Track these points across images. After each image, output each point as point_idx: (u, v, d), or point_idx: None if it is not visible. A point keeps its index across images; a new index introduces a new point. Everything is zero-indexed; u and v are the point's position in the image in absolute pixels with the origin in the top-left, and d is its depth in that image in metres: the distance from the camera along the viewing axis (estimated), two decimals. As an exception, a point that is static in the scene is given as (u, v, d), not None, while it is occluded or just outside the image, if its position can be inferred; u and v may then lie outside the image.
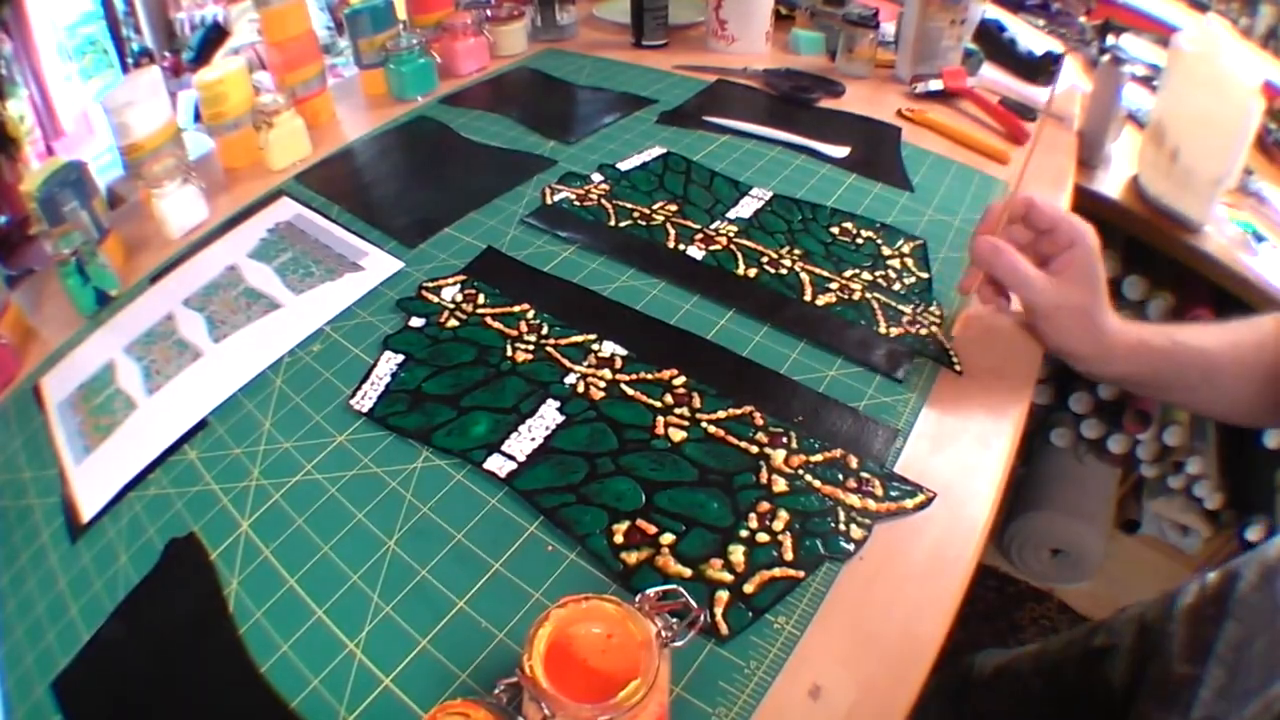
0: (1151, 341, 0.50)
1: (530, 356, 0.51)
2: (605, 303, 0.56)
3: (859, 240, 0.62)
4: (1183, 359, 0.51)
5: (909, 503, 0.42)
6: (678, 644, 0.31)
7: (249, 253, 0.65)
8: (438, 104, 0.87)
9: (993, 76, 0.94)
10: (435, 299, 0.57)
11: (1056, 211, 0.50)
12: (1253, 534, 0.96)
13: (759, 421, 0.46)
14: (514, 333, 0.53)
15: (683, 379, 0.49)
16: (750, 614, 0.37)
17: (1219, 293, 0.81)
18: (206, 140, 0.80)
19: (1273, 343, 0.50)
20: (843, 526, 0.40)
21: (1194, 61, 0.77)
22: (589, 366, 0.50)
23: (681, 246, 0.61)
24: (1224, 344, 0.51)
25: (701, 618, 0.32)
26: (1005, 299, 0.52)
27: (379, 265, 0.62)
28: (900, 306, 0.55)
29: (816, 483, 0.43)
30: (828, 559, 0.39)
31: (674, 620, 0.31)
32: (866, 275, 0.58)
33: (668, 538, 0.40)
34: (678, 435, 0.45)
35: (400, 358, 0.52)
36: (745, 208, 0.66)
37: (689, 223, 0.64)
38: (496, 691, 0.31)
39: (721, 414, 0.47)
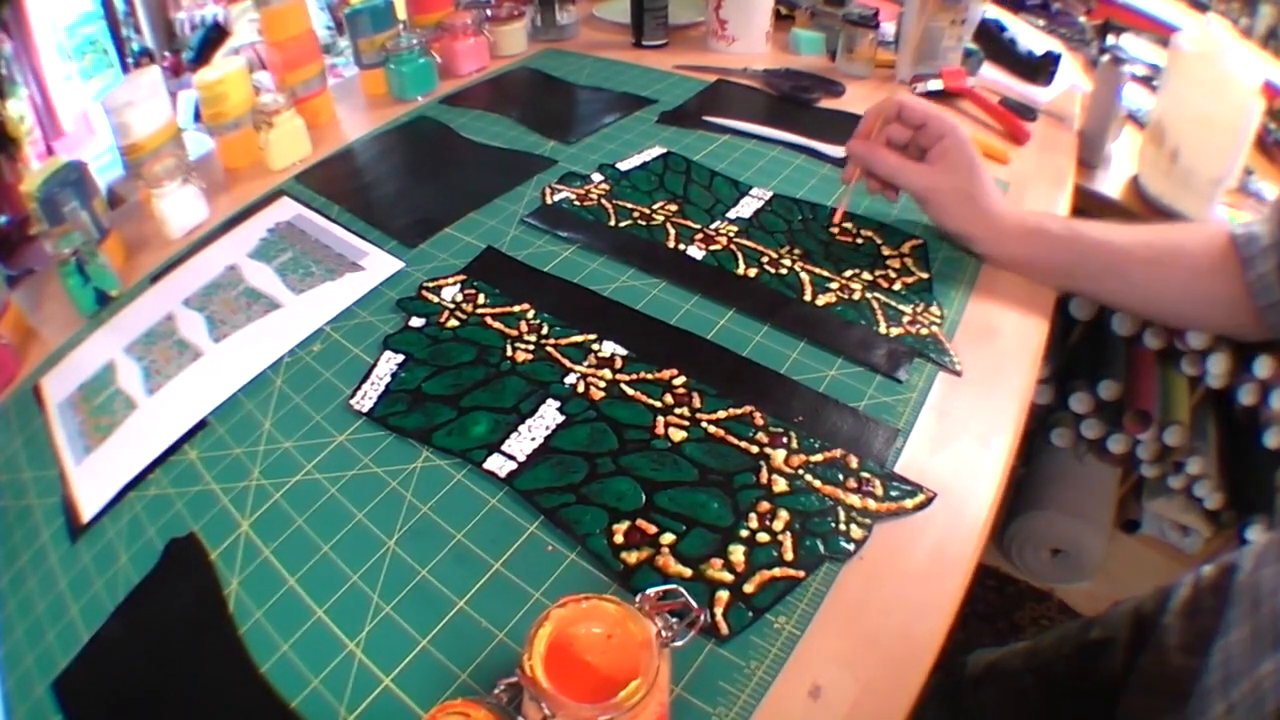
0: (1049, 227, 0.55)
1: (530, 356, 0.51)
2: (605, 303, 0.56)
3: (859, 240, 0.62)
4: (1083, 247, 0.53)
5: (909, 503, 0.42)
6: (678, 644, 0.31)
7: (249, 253, 0.65)
8: (438, 104, 0.87)
9: (993, 76, 0.94)
10: (435, 299, 0.57)
11: (926, 108, 0.56)
12: (1253, 534, 0.96)
13: (759, 421, 0.46)
14: (514, 333, 0.53)
15: (683, 379, 0.49)
16: (750, 614, 0.37)
17: (1219, 293, 0.81)
18: (206, 140, 0.80)
19: (1195, 247, 0.52)
20: (843, 526, 0.40)
21: (1194, 61, 0.77)
22: (589, 366, 0.50)
23: (681, 246, 0.61)
24: (1132, 241, 0.53)
25: (701, 618, 0.32)
26: (892, 191, 0.60)
27: (379, 265, 0.62)
28: (900, 306, 0.55)
29: (817, 483, 0.43)
30: (828, 559, 0.39)
31: (674, 620, 0.31)
32: (866, 275, 0.58)
33: (668, 538, 0.40)
34: (678, 435, 0.45)
35: (400, 358, 0.52)
36: (745, 207, 0.66)
37: (689, 222, 0.64)
38: (496, 691, 0.31)
39: (721, 414, 0.47)
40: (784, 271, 0.58)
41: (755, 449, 0.45)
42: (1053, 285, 0.57)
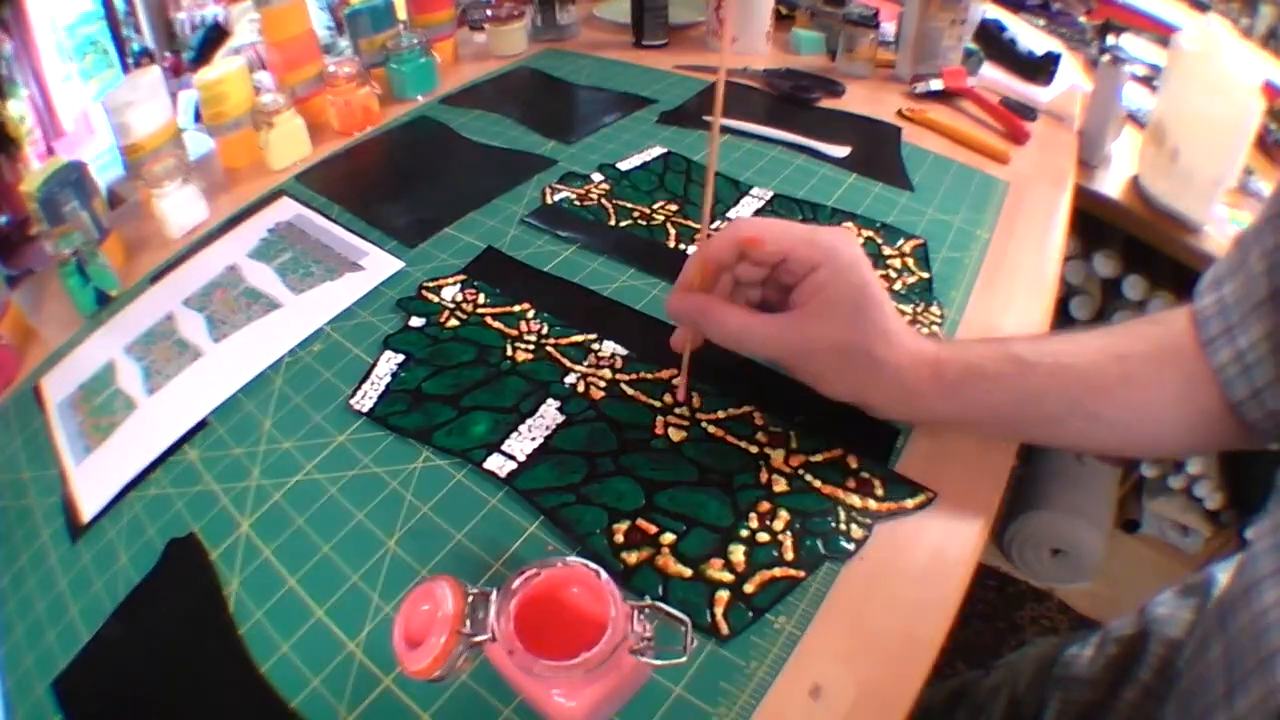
0: (983, 368, 0.38)
1: (530, 356, 0.51)
2: (605, 302, 0.56)
3: (859, 240, 0.62)
4: (1036, 382, 0.38)
5: (909, 502, 0.42)
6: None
7: (249, 253, 0.65)
8: (438, 104, 0.87)
9: (993, 76, 0.94)
10: (435, 299, 0.57)
11: (784, 237, 0.38)
12: (1253, 534, 0.96)
13: (759, 421, 0.46)
14: (514, 332, 0.53)
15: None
16: (750, 614, 0.37)
17: (1219, 293, 0.81)
18: (206, 140, 0.80)
19: (1189, 346, 0.38)
20: (843, 526, 0.40)
21: (1194, 61, 0.77)
22: (589, 366, 0.50)
23: (682, 246, 0.61)
24: (1106, 355, 0.38)
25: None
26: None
27: (379, 265, 0.62)
28: (901, 306, 0.55)
29: (817, 482, 0.43)
30: (828, 559, 0.39)
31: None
32: (867, 275, 0.58)
33: (668, 537, 0.40)
34: (678, 435, 0.45)
35: (400, 357, 0.52)
36: (746, 207, 0.66)
37: (689, 222, 0.64)
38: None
39: (721, 414, 0.47)
40: (784, 271, 0.58)
41: (755, 449, 0.45)
42: (993, 438, 0.44)
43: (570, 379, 0.49)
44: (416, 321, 0.55)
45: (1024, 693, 0.54)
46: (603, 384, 0.49)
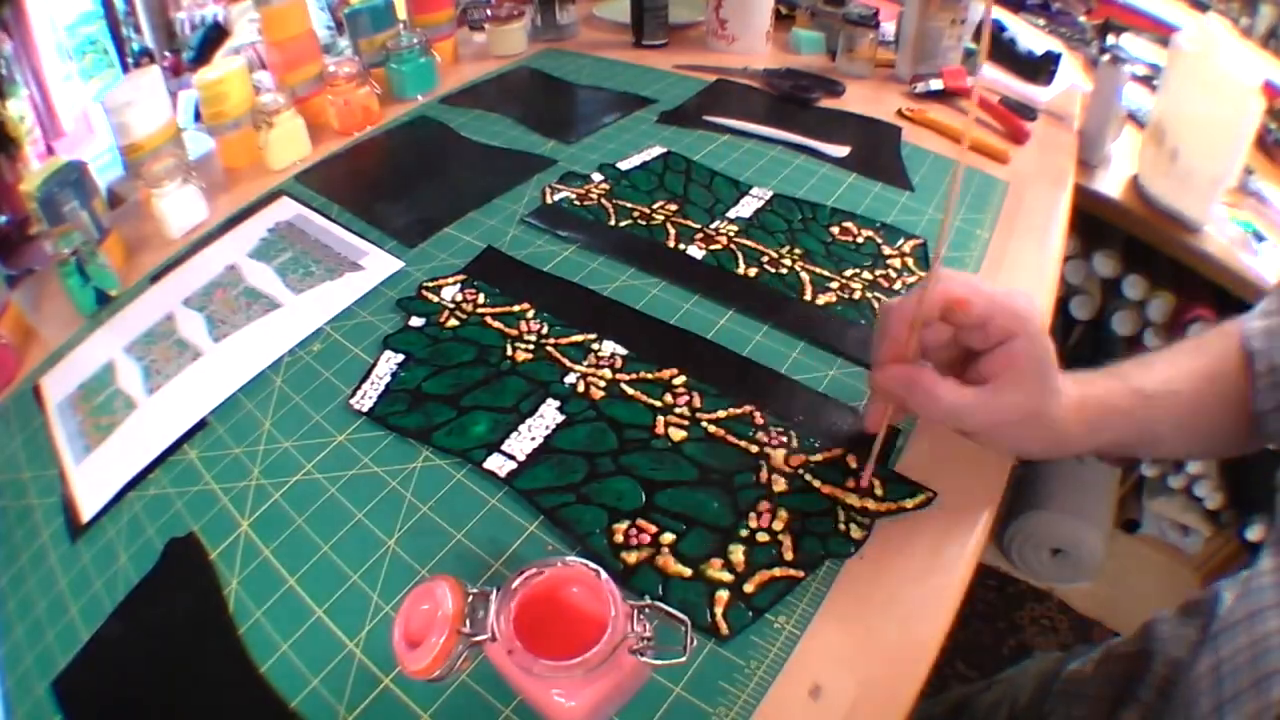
0: (1117, 405, 0.41)
1: (530, 356, 0.51)
2: (605, 302, 0.56)
3: (859, 240, 0.62)
4: (1155, 412, 0.42)
5: (909, 502, 0.42)
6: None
7: (249, 252, 0.65)
8: (438, 104, 0.87)
9: (993, 76, 0.94)
10: (435, 298, 0.57)
11: (987, 303, 0.37)
12: (1253, 534, 0.96)
13: (759, 421, 0.46)
14: (514, 332, 0.53)
15: (683, 378, 0.49)
16: (750, 614, 0.37)
17: (1219, 292, 0.81)
18: (206, 140, 0.80)
19: (1232, 369, 0.43)
20: (843, 526, 0.40)
21: (1194, 61, 0.77)
22: (589, 366, 0.50)
23: (682, 246, 0.61)
24: (1202, 379, 0.43)
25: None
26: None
27: (379, 265, 0.62)
28: (900, 306, 0.55)
29: (816, 482, 0.43)
30: (828, 558, 0.39)
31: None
32: (867, 275, 0.58)
33: (668, 537, 0.40)
34: (678, 435, 0.45)
35: (400, 357, 0.52)
36: (745, 207, 0.66)
37: (689, 222, 0.64)
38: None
39: (722, 413, 0.47)
40: (784, 271, 0.58)
41: (755, 448, 0.45)
42: (1111, 461, 0.49)
43: (570, 379, 0.49)
44: (416, 321, 0.55)
45: (1024, 708, 0.53)
46: (603, 384, 0.49)
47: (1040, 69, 0.94)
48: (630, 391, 0.48)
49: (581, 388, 0.49)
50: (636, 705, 0.34)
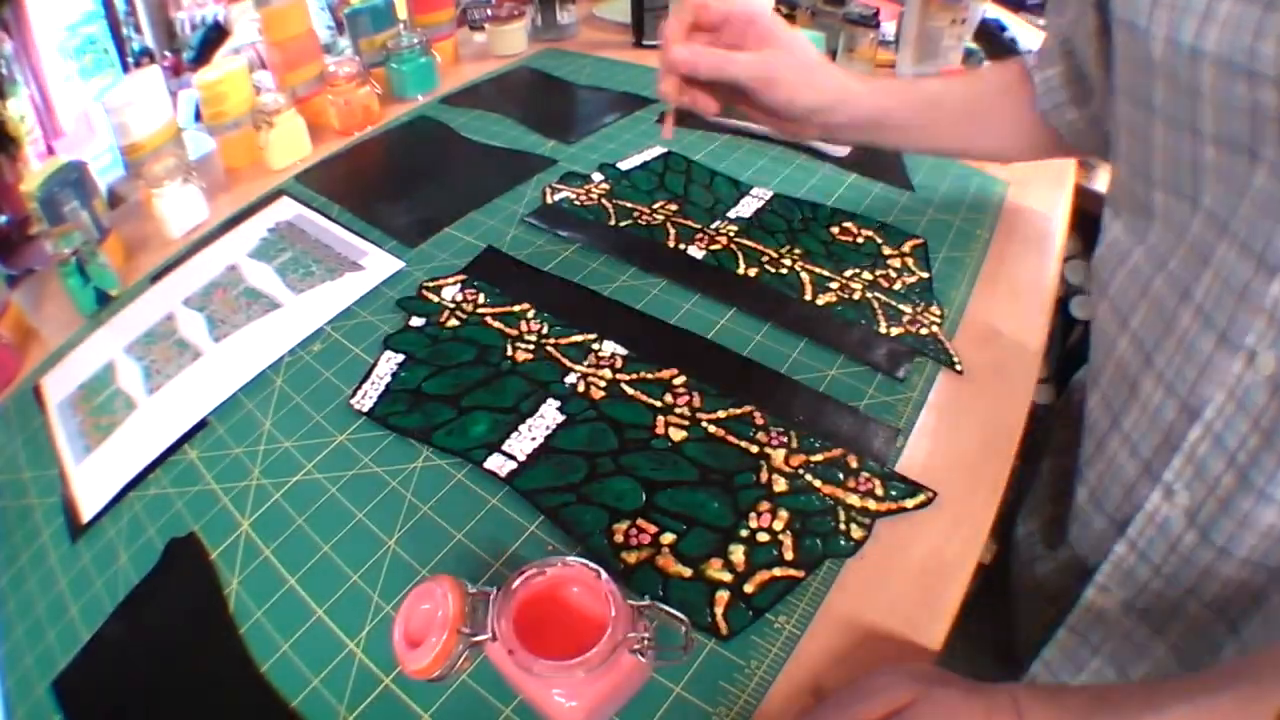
0: (887, 86, 0.55)
1: (530, 356, 0.51)
2: (605, 302, 0.56)
3: (859, 240, 0.62)
4: (928, 91, 0.56)
5: (909, 502, 0.42)
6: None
7: (249, 252, 0.65)
8: (438, 104, 0.87)
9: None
10: (435, 299, 0.57)
11: (722, 3, 0.50)
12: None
13: (759, 421, 0.46)
14: (514, 332, 0.53)
15: (683, 378, 0.49)
16: (751, 614, 0.37)
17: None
18: (207, 140, 0.80)
19: (1011, 78, 0.56)
20: (843, 526, 0.40)
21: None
22: (589, 366, 0.50)
23: (682, 246, 0.61)
24: (969, 80, 0.56)
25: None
26: (715, 105, 0.52)
27: (379, 265, 0.62)
28: (900, 306, 0.55)
29: (817, 482, 0.43)
30: (828, 558, 0.39)
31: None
32: (867, 275, 0.58)
33: (668, 537, 0.40)
34: (678, 435, 0.45)
35: (400, 357, 0.52)
36: (746, 207, 0.66)
37: (689, 222, 0.64)
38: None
39: (722, 413, 0.47)
40: (784, 271, 0.58)
41: (755, 448, 0.45)
42: (889, 144, 0.60)
43: (570, 379, 0.49)
44: (416, 321, 0.55)
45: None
46: (603, 384, 0.49)
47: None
48: (630, 391, 0.48)
49: (582, 388, 0.49)
50: (636, 705, 0.34)
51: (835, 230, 0.62)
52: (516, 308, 0.56)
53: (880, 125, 0.55)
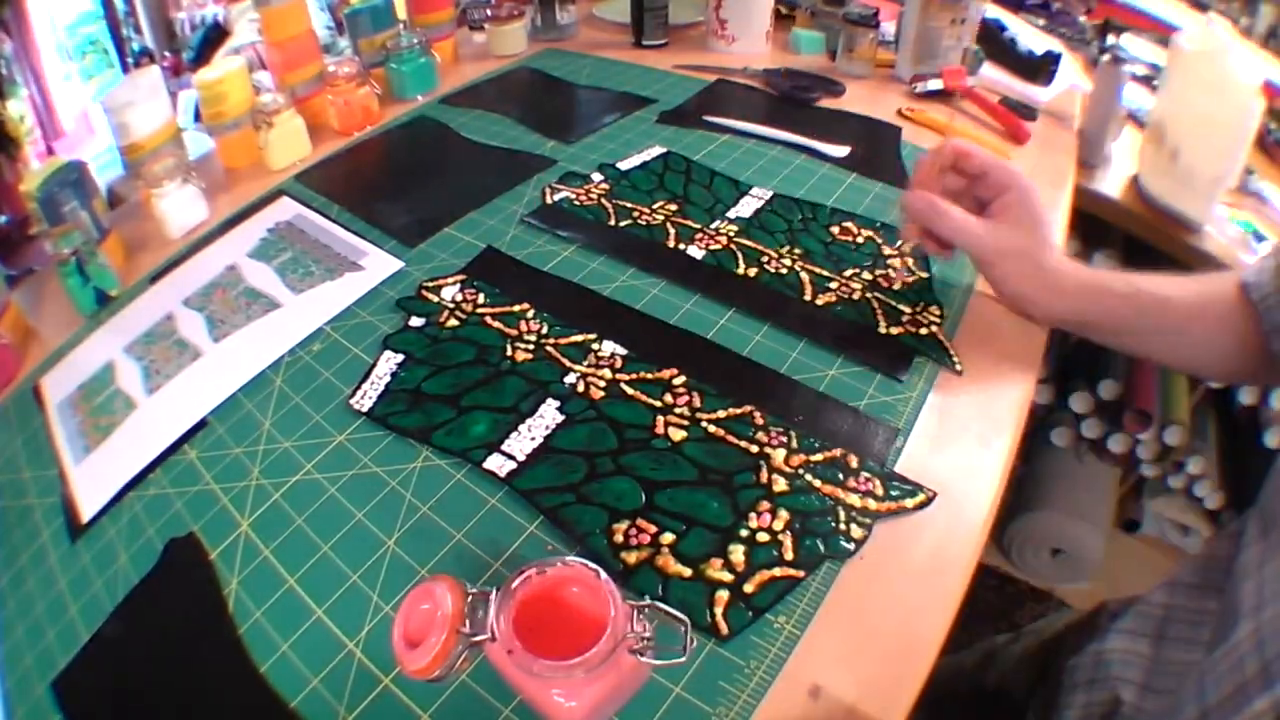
0: (1110, 285, 0.50)
1: (530, 356, 0.51)
2: (605, 302, 0.56)
3: (859, 240, 0.62)
4: (1143, 303, 0.50)
5: (909, 502, 0.42)
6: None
7: (249, 252, 0.65)
8: (438, 104, 0.87)
9: (993, 76, 0.94)
10: (435, 298, 0.57)
11: (986, 157, 0.51)
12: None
13: (759, 421, 0.46)
14: (514, 332, 0.53)
15: (683, 378, 0.49)
16: (750, 614, 0.37)
17: (1220, 293, 0.81)
18: (206, 140, 0.80)
19: (1229, 292, 0.49)
20: (843, 526, 0.40)
21: (1194, 61, 0.77)
22: (589, 366, 0.50)
23: (681, 246, 0.61)
24: (1190, 294, 0.49)
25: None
26: (948, 249, 0.53)
27: (379, 265, 0.62)
28: (900, 306, 0.55)
29: (817, 482, 0.43)
30: (828, 558, 0.39)
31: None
32: (866, 275, 0.58)
33: (668, 537, 0.40)
34: (678, 435, 0.45)
35: (400, 357, 0.52)
36: (745, 207, 0.66)
37: (689, 222, 0.64)
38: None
39: (721, 413, 0.47)
40: (784, 271, 0.58)
41: (755, 448, 0.44)
42: (1100, 339, 0.53)
43: (570, 379, 0.49)
44: (416, 321, 0.55)
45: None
46: (602, 384, 0.49)
47: (1040, 69, 0.94)
48: (630, 391, 0.48)
49: (581, 388, 0.49)
50: (636, 705, 0.34)
51: (835, 230, 0.62)
52: (516, 308, 0.56)
53: (1095, 327, 0.52)
